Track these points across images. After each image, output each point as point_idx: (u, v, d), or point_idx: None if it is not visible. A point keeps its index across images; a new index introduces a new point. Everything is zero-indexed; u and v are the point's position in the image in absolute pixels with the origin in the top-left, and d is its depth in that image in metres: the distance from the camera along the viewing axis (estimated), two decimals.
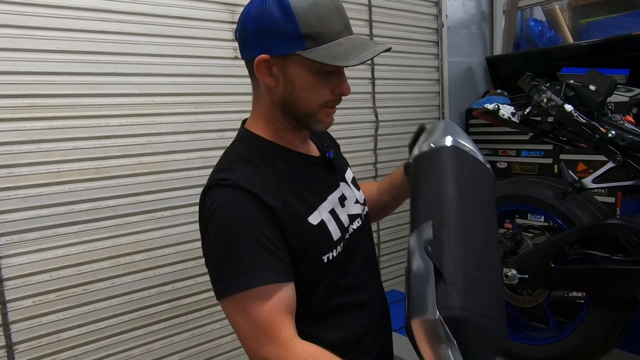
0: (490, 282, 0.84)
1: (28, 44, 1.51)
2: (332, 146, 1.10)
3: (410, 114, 2.70)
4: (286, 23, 0.83)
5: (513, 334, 1.70)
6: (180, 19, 1.80)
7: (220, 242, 0.84)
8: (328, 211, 0.95)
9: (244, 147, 0.95)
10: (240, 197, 0.83)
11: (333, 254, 0.93)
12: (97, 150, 1.65)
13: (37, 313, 1.57)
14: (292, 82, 0.88)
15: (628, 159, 1.37)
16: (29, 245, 1.54)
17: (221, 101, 1.92)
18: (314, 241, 0.90)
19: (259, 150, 0.93)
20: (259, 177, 0.87)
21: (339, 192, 1.02)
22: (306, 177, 0.96)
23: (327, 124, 0.95)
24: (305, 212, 0.91)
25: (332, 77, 0.89)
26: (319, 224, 0.92)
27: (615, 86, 1.45)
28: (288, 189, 0.90)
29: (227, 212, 0.84)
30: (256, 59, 0.86)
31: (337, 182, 1.04)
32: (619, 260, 1.40)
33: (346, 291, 0.98)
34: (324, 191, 0.98)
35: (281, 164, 0.93)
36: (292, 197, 0.90)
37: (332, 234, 0.94)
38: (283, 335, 0.80)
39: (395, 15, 2.56)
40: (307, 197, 0.93)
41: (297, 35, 0.83)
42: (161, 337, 1.83)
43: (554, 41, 3.17)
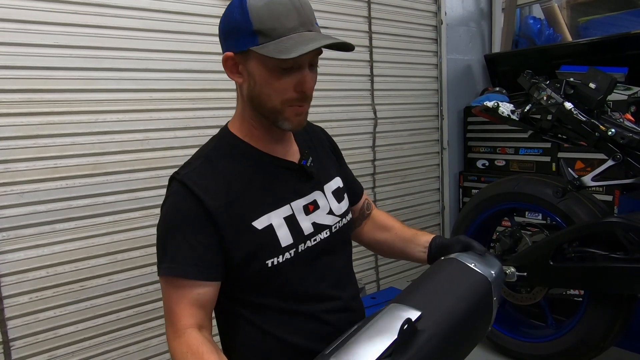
0: None
1: (25, 39, 1.49)
2: (319, 155, 1.08)
3: (409, 111, 2.69)
4: (242, 21, 0.86)
5: (511, 332, 1.70)
6: (178, 14, 1.79)
7: (160, 229, 0.93)
8: (283, 217, 0.95)
9: (213, 143, 0.99)
10: (182, 195, 0.90)
11: (279, 260, 0.93)
12: (94, 145, 1.64)
13: (34, 309, 1.56)
14: (253, 79, 0.90)
15: (628, 157, 1.38)
16: (25, 241, 1.53)
17: (219, 97, 1.91)
18: (257, 245, 0.91)
19: (225, 147, 0.97)
20: (209, 177, 0.91)
21: (307, 200, 1.00)
22: (269, 180, 0.96)
23: (295, 122, 0.93)
24: (252, 216, 0.92)
25: (293, 74, 0.88)
26: (265, 228, 0.92)
27: (616, 84, 1.45)
28: (239, 191, 0.92)
29: (169, 205, 0.92)
30: (222, 56, 0.91)
31: (309, 190, 1.01)
32: (618, 258, 1.40)
33: (303, 298, 0.97)
34: (287, 197, 0.97)
35: (242, 163, 0.95)
36: (241, 198, 0.92)
37: (281, 240, 0.93)
38: (179, 324, 0.87)
39: (394, 12, 2.55)
40: (259, 200, 0.93)
41: (251, 32, 0.85)
42: (158, 334, 1.82)
43: (553, 39, 3.17)
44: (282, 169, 0.99)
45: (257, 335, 0.96)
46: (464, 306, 0.88)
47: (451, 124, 2.89)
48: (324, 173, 1.06)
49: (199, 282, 0.89)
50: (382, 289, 2.59)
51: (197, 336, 0.86)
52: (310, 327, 0.97)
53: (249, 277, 0.93)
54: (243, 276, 0.93)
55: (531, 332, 1.70)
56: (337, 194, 1.07)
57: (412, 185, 2.75)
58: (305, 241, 0.96)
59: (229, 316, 0.99)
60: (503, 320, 1.78)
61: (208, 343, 0.86)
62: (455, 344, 0.86)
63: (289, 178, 0.99)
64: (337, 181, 1.09)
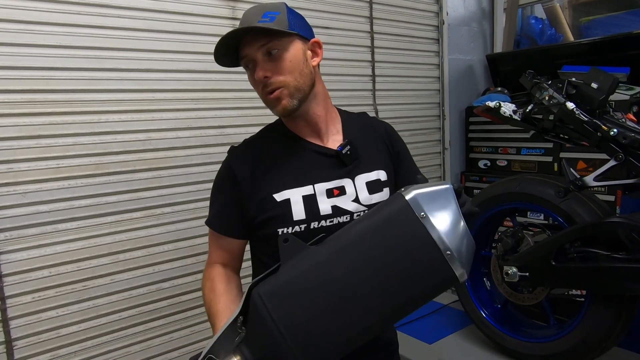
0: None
1: (27, 39, 1.50)
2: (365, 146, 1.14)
3: (411, 112, 2.69)
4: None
5: (513, 332, 1.70)
6: (180, 15, 1.79)
7: (214, 184, 1.16)
8: (302, 195, 1.06)
9: (268, 127, 1.20)
10: (225, 164, 1.13)
11: (288, 230, 1.05)
12: (97, 146, 1.64)
13: (37, 309, 1.56)
14: None
15: (630, 157, 1.37)
16: (28, 241, 1.54)
17: (221, 97, 1.92)
18: (272, 213, 1.05)
19: (271, 130, 1.17)
20: (249, 153, 1.11)
21: (333, 185, 1.08)
22: (298, 162, 1.09)
23: (278, 108, 1.05)
24: (274, 189, 1.06)
25: (251, 70, 1.06)
26: (283, 201, 1.05)
27: (618, 84, 1.45)
28: (267, 167, 1.08)
29: (218, 172, 1.15)
30: None
31: (338, 176, 1.09)
32: (620, 259, 1.40)
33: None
34: (313, 178, 1.07)
35: (278, 145, 1.12)
36: (267, 174, 1.08)
37: (294, 213, 1.05)
38: (210, 259, 1.17)
39: (396, 12, 2.55)
40: (284, 178, 1.07)
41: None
42: (161, 334, 1.83)
43: (555, 39, 3.16)
44: (315, 153, 1.10)
45: None
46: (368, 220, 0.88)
47: (453, 124, 2.89)
48: (363, 164, 1.13)
49: (225, 237, 1.12)
50: None
51: (218, 269, 1.12)
52: None
53: (264, 240, 1.09)
54: (260, 238, 1.10)
55: (533, 332, 1.70)
56: (373, 186, 1.12)
57: None
58: (320, 220, 1.05)
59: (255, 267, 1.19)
60: (505, 321, 1.78)
61: (225, 274, 1.11)
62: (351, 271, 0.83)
63: (320, 162, 1.10)
64: (379, 174, 1.14)
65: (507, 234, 1.66)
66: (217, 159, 1.91)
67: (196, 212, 1.88)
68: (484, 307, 1.81)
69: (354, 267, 0.84)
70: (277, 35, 1.01)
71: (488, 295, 1.86)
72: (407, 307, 0.88)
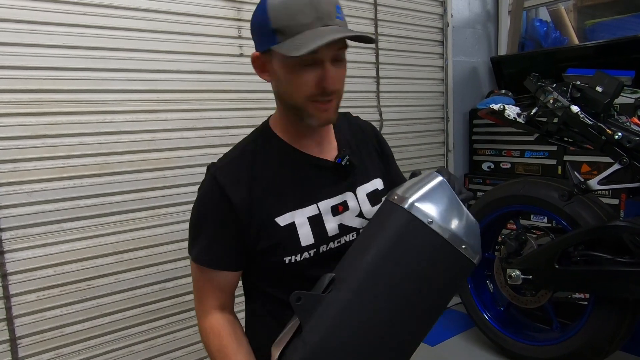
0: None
1: (34, 39, 1.51)
2: (360, 154, 1.05)
3: (415, 113, 2.69)
4: (263, 20, 0.86)
5: (516, 335, 1.70)
6: (186, 16, 1.80)
7: (192, 215, 0.98)
8: (307, 216, 0.94)
9: (252, 136, 1.01)
10: (212, 187, 0.93)
11: (297, 258, 0.93)
12: (102, 145, 1.65)
13: (41, 308, 1.57)
14: (276, 76, 0.90)
15: (634, 161, 1.37)
16: (33, 240, 1.55)
17: (226, 98, 1.92)
18: (276, 240, 0.93)
19: (260, 142, 0.98)
20: (240, 171, 0.94)
21: (336, 201, 0.98)
22: (299, 178, 0.96)
23: (320, 119, 0.91)
24: (276, 212, 0.93)
25: (314, 70, 0.86)
26: (287, 225, 0.93)
27: (623, 87, 1.45)
28: (267, 186, 0.94)
29: (201, 196, 0.97)
30: (251, 56, 0.93)
31: (340, 190, 0.99)
32: (623, 262, 1.40)
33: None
34: (316, 196, 0.96)
35: (275, 160, 0.96)
36: (268, 194, 0.93)
37: (301, 239, 0.93)
38: (205, 304, 0.97)
39: (401, 14, 2.56)
40: (285, 197, 0.94)
41: (271, 31, 0.85)
42: (164, 333, 1.83)
43: (559, 42, 3.16)
44: (314, 167, 0.98)
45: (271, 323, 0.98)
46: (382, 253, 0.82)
47: (457, 126, 2.89)
48: (361, 173, 1.03)
49: (215, 271, 0.95)
50: None
51: (219, 318, 0.95)
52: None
53: (267, 270, 0.97)
54: (262, 267, 0.97)
55: (536, 336, 1.70)
56: (373, 197, 1.03)
57: None
58: (328, 242, 0.96)
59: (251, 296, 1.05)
60: (508, 323, 1.78)
61: (228, 324, 0.95)
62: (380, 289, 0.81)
63: (320, 177, 0.97)
64: (376, 183, 1.05)
65: (510, 236, 1.66)
66: None
67: None
68: (486, 310, 1.81)
69: (383, 299, 0.81)
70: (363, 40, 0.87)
71: (491, 297, 1.86)
72: (441, 308, 0.90)
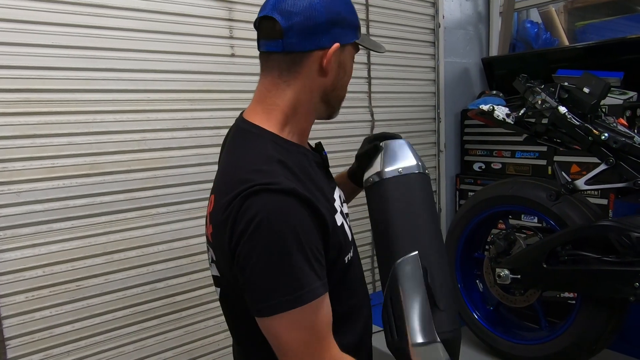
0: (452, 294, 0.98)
1: (22, 39, 1.50)
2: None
3: (406, 114, 2.70)
4: (351, 14, 0.90)
5: (505, 334, 1.71)
6: (176, 16, 1.80)
7: (272, 255, 0.75)
8: (339, 211, 0.92)
9: (269, 146, 0.85)
10: (294, 205, 0.76)
11: (351, 254, 0.92)
12: (91, 145, 1.64)
13: (30, 308, 1.56)
14: (344, 69, 0.92)
15: (620, 161, 1.39)
16: (22, 240, 1.54)
17: (217, 98, 1.92)
18: (341, 241, 0.88)
19: (281, 148, 0.86)
20: (299, 182, 0.81)
21: (337, 192, 0.98)
22: (319, 177, 0.92)
23: (337, 110, 1.00)
24: (332, 213, 0.87)
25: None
26: (342, 224, 0.90)
27: (609, 89, 1.46)
28: (318, 192, 0.85)
29: (280, 221, 0.75)
30: (331, 47, 0.86)
31: (332, 181, 1.02)
32: (610, 262, 1.41)
33: (353, 293, 0.96)
34: (332, 191, 0.95)
35: (302, 164, 0.88)
36: (323, 199, 0.86)
37: (348, 233, 0.92)
38: (333, 349, 0.81)
39: (392, 15, 2.57)
40: (329, 198, 0.90)
41: (356, 26, 0.91)
42: (155, 334, 1.83)
43: (550, 43, 3.18)
44: (316, 164, 0.95)
45: None
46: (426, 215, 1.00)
47: (448, 126, 2.90)
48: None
49: (326, 296, 0.80)
50: (378, 290, 2.60)
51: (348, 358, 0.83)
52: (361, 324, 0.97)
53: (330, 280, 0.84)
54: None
55: (525, 334, 1.71)
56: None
57: None
58: (350, 227, 0.97)
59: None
60: (497, 323, 1.79)
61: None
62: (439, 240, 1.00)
63: (321, 172, 0.96)
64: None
65: (499, 236, 1.67)
66: (213, 159, 1.91)
67: (191, 213, 1.88)
68: (476, 309, 1.82)
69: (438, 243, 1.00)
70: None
71: (480, 297, 1.87)
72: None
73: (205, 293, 1.94)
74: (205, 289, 1.94)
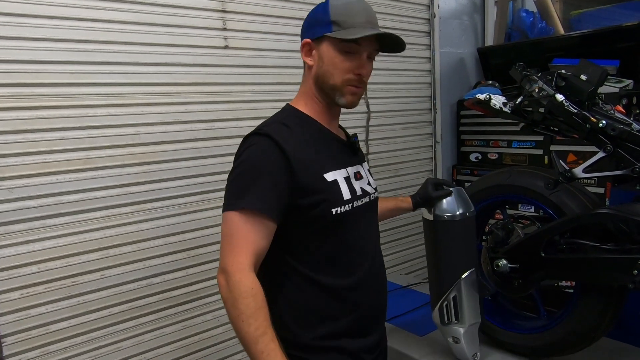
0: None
1: (14, 32, 1.48)
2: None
3: (402, 105, 2.69)
4: (324, 14, 1.11)
5: (503, 323, 1.71)
6: (169, 7, 1.78)
7: (241, 169, 1.06)
8: (343, 177, 1.13)
9: (283, 115, 1.17)
10: (267, 143, 1.05)
11: (341, 209, 1.10)
12: (85, 140, 1.63)
13: (25, 305, 1.55)
14: (322, 59, 1.12)
15: (618, 149, 1.38)
16: (16, 237, 1.52)
17: (211, 91, 1.90)
18: (325, 193, 1.08)
19: (294, 119, 1.15)
20: (288, 134, 1.08)
21: (357, 169, 1.21)
22: (330, 147, 1.16)
23: (349, 100, 1.14)
24: (322, 169, 1.10)
25: (354, 59, 1.10)
26: (333, 181, 1.10)
27: (607, 76, 1.45)
28: (312, 148, 1.10)
29: (252, 152, 1.06)
30: (301, 42, 1.15)
31: (355, 162, 1.22)
32: (608, 250, 1.40)
33: (351, 247, 1.15)
34: (345, 162, 1.17)
35: (311, 131, 1.14)
36: (314, 154, 1.09)
37: (343, 193, 1.11)
38: (242, 256, 1.00)
39: (387, 5, 2.55)
40: (327, 159, 1.12)
41: (328, 22, 1.09)
42: (152, 329, 1.82)
43: (545, 32, 3.16)
44: (338, 142, 1.20)
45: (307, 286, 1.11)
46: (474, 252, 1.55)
47: (444, 117, 2.89)
48: (361, 155, 1.31)
49: (266, 217, 1.02)
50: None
51: (255, 279, 1.00)
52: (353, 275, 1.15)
53: (313, 224, 1.08)
54: (308, 223, 1.08)
55: (523, 324, 1.70)
56: (370, 173, 1.31)
57: (406, 178, 2.75)
58: (357, 200, 1.15)
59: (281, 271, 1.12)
60: (495, 312, 1.78)
61: (261, 290, 0.99)
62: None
63: (343, 150, 1.20)
64: (367, 165, 1.32)
65: (497, 226, 1.66)
66: (207, 153, 1.91)
67: (186, 207, 1.87)
68: None
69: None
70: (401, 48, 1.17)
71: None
72: None
73: (202, 287, 1.93)
74: (202, 283, 1.93)
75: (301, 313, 1.12)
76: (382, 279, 1.27)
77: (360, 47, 1.09)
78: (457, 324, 1.49)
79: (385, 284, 1.30)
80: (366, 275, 1.18)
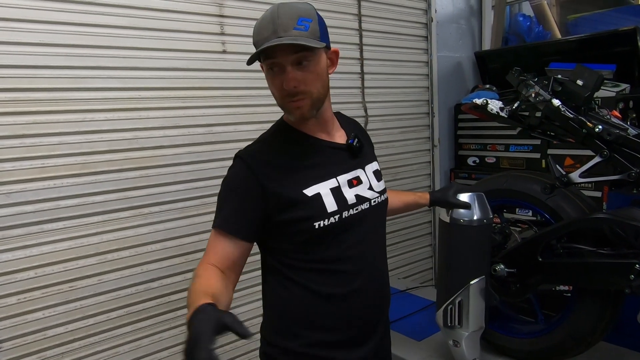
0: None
1: (10, 37, 1.48)
2: (362, 140, 1.24)
3: (400, 109, 2.70)
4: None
5: (500, 327, 1.71)
6: (166, 12, 1.78)
7: (220, 190, 1.13)
8: (329, 188, 1.11)
9: (270, 131, 1.20)
10: (240, 167, 1.10)
11: (325, 223, 1.08)
12: (82, 145, 1.63)
13: (22, 311, 1.55)
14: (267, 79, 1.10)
15: (614, 154, 1.38)
16: (13, 241, 1.52)
17: (209, 95, 1.91)
18: (306, 209, 1.08)
19: (279, 133, 1.17)
20: (266, 156, 1.11)
21: (351, 175, 1.16)
22: (318, 158, 1.14)
23: (295, 115, 1.09)
24: (303, 184, 1.09)
25: (279, 74, 1.04)
26: (314, 195, 1.09)
27: (603, 81, 1.45)
28: (291, 167, 1.11)
29: (230, 175, 1.12)
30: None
31: (353, 167, 1.18)
32: (605, 254, 1.41)
33: (343, 256, 1.13)
34: (335, 171, 1.14)
35: (295, 145, 1.14)
36: (293, 173, 1.10)
37: (327, 206, 1.09)
38: (207, 258, 1.07)
39: (385, 9, 2.56)
40: (309, 174, 1.11)
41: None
42: (149, 334, 1.82)
43: (542, 36, 3.18)
44: (330, 149, 1.16)
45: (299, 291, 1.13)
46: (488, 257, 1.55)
47: (442, 121, 2.90)
48: (365, 155, 1.24)
49: (235, 239, 1.07)
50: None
51: (211, 268, 1.04)
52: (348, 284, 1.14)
53: (297, 237, 1.10)
54: (292, 235, 1.10)
55: (521, 328, 1.70)
56: (376, 175, 1.25)
57: (403, 182, 2.75)
58: (349, 209, 1.12)
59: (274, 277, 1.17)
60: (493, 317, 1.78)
61: (215, 272, 1.03)
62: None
63: (336, 156, 1.17)
64: (375, 165, 1.28)
65: (494, 230, 1.66)
66: (206, 157, 1.91)
67: (184, 212, 1.87)
68: None
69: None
70: (310, 48, 1.01)
71: None
72: None
73: None
74: None
75: (292, 319, 1.14)
76: (382, 286, 1.24)
77: (277, 59, 1.02)
78: (459, 329, 1.50)
79: (387, 291, 1.27)
80: (364, 282, 1.16)
